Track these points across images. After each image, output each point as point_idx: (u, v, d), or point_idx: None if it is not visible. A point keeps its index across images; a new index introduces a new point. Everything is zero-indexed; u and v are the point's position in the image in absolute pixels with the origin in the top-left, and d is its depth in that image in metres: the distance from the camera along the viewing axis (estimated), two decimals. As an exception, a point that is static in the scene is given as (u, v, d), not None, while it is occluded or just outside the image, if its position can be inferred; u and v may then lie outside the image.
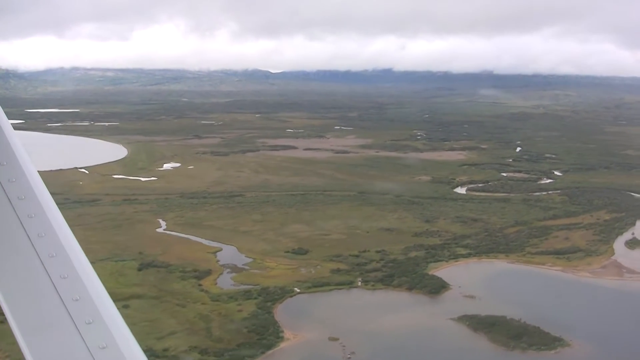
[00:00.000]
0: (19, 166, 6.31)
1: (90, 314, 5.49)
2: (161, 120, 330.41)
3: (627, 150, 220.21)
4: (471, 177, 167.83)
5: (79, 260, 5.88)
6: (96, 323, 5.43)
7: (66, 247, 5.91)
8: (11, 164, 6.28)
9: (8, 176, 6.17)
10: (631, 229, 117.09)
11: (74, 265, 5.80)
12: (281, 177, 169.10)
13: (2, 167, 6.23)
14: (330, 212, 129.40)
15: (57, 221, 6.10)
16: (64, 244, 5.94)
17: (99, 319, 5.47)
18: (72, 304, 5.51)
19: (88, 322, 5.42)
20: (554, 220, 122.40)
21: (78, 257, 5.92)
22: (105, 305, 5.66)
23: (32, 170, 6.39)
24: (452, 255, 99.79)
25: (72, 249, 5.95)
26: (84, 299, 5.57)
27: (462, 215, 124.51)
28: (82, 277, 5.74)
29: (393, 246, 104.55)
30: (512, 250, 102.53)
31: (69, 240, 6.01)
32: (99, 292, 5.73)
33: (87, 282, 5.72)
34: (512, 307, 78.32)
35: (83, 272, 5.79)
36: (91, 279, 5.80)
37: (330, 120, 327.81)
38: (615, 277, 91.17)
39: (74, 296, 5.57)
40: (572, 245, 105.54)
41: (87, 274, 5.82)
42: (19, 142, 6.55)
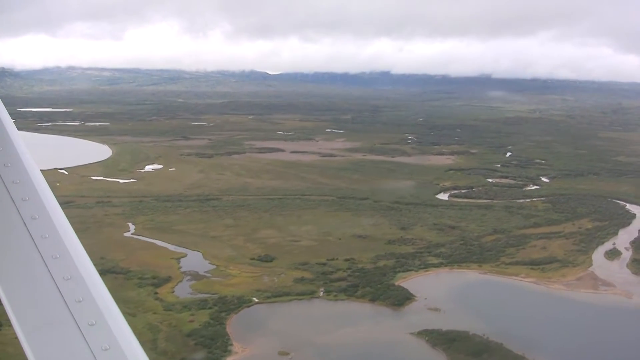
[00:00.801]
0: (23, 167, 6.33)
1: (93, 316, 5.42)
2: (152, 121, 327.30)
3: (619, 156, 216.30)
4: (456, 182, 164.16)
5: (82, 262, 5.84)
6: (99, 325, 5.36)
7: (70, 249, 5.88)
8: (15, 165, 6.32)
9: (12, 177, 6.20)
10: (613, 238, 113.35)
11: (77, 266, 5.76)
12: (262, 180, 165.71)
13: (7, 169, 6.26)
14: (305, 217, 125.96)
15: (61, 223, 6.08)
16: (68, 245, 5.90)
17: (102, 320, 5.41)
18: (75, 305, 5.46)
19: (91, 323, 5.34)
20: (534, 228, 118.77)
21: (81, 258, 5.88)
22: (108, 307, 5.58)
23: (36, 171, 6.41)
24: (423, 264, 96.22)
25: (75, 250, 5.91)
26: (87, 300, 5.52)
27: (440, 223, 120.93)
28: (86, 278, 5.68)
29: (363, 254, 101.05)
30: (486, 260, 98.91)
31: (72, 242, 5.97)
32: (102, 294, 5.66)
33: (90, 284, 5.66)
34: (477, 321, 74.77)
35: (86, 273, 5.74)
36: (94, 280, 5.74)
37: (323, 123, 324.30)
38: (589, 289, 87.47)
39: (77, 297, 5.51)
40: (549, 255, 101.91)
41: (91, 275, 5.76)
42: (23, 143, 6.54)
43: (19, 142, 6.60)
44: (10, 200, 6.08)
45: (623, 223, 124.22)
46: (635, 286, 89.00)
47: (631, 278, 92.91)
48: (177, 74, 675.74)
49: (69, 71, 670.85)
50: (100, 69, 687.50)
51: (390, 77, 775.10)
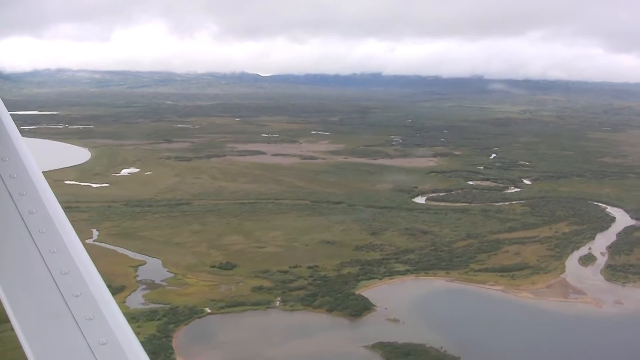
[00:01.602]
0: (21, 162, 6.30)
1: (91, 310, 5.42)
2: (138, 124, 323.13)
3: (605, 157, 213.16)
4: (435, 185, 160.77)
5: (79, 257, 5.83)
6: (97, 319, 5.37)
7: (67, 243, 5.87)
8: (13, 160, 6.28)
9: (10, 172, 6.18)
10: (589, 243, 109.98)
11: (75, 261, 5.74)
12: (238, 184, 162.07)
13: (4, 163, 6.22)
14: (275, 222, 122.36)
15: (59, 217, 6.08)
16: (65, 240, 5.89)
17: (99, 315, 5.41)
18: (72, 299, 5.46)
19: (89, 318, 5.35)
20: (509, 233, 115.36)
21: (79, 253, 5.87)
22: (105, 302, 5.59)
23: (34, 166, 6.41)
24: (388, 272, 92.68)
25: (73, 245, 5.90)
26: (84, 294, 5.51)
27: (413, 227, 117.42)
28: (83, 273, 5.68)
29: (328, 261, 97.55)
30: (455, 267, 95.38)
31: (69, 237, 5.97)
32: (99, 288, 5.66)
33: (87, 278, 5.66)
34: (436, 333, 71.26)
35: (84, 268, 5.74)
36: (92, 275, 5.74)
37: (310, 125, 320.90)
38: (558, 298, 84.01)
39: (75, 292, 5.50)
40: (521, 261, 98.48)
41: (88, 270, 5.75)
42: (21, 138, 6.53)
43: (16, 136, 6.49)
44: (8, 194, 6.01)
45: (601, 227, 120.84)
46: (607, 294, 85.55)
47: (604, 285, 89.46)
48: (168, 76, 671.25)
49: (59, 73, 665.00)
50: (91, 71, 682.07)
51: (382, 78, 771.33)
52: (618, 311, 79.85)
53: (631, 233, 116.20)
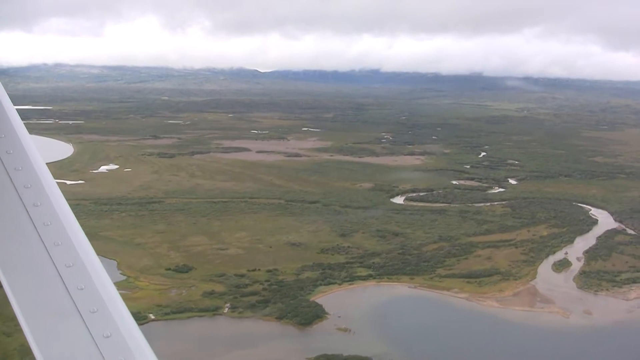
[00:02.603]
0: (26, 155, 6.30)
1: (95, 303, 5.37)
2: (128, 119, 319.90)
3: (597, 157, 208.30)
4: (416, 184, 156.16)
5: (84, 250, 5.81)
6: (100, 312, 5.32)
7: (72, 236, 5.84)
8: (18, 153, 6.29)
9: (15, 165, 6.20)
10: (567, 247, 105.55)
11: (79, 254, 5.72)
12: (215, 181, 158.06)
13: (9, 156, 6.24)
14: (244, 222, 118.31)
15: (63, 210, 6.05)
16: (70, 233, 5.86)
17: (103, 308, 5.36)
18: (76, 292, 5.43)
19: (92, 311, 5.30)
20: (485, 236, 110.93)
21: (83, 246, 5.84)
22: (110, 295, 5.54)
23: (39, 159, 6.40)
24: (349, 277, 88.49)
25: (77, 238, 5.87)
26: (88, 288, 5.48)
27: (385, 229, 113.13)
28: (87, 266, 5.66)
29: (290, 264, 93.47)
30: (420, 272, 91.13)
31: (74, 230, 5.94)
32: (103, 282, 5.61)
33: (92, 271, 5.63)
34: (386, 345, 67.16)
35: (88, 261, 5.72)
36: (96, 268, 5.71)
37: (303, 121, 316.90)
38: (524, 307, 79.67)
39: (79, 285, 5.47)
40: (492, 266, 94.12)
41: (92, 263, 5.73)
42: (26, 131, 6.57)
43: (22, 130, 6.53)
44: (13, 187, 6.02)
45: (582, 230, 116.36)
46: (576, 303, 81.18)
47: (574, 293, 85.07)
48: (166, 72, 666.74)
49: (57, 68, 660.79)
50: (88, 66, 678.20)
51: (381, 74, 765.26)
52: (585, 322, 75.54)
53: (612, 237, 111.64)
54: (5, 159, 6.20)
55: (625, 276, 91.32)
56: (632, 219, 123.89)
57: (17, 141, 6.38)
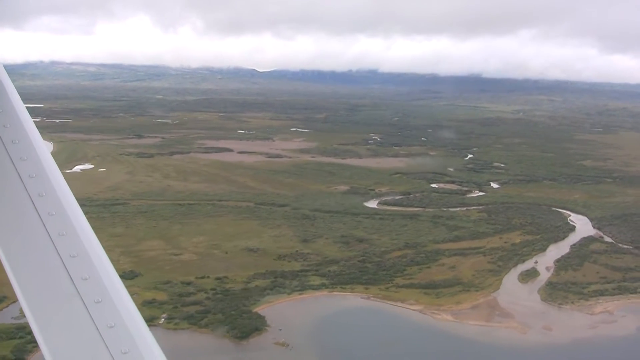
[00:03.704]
0: (31, 145, 6.31)
1: (99, 293, 5.41)
2: (117, 118, 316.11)
3: (586, 160, 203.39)
4: (394, 187, 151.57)
5: (88, 240, 5.79)
6: (105, 302, 5.36)
7: (76, 226, 5.82)
8: (23, 144, 6.28)
9: (20, 154, 6.16)
10: (537, 255, 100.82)
11: (84, 244, 5.71)
12: (187, 183, 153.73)
13: (14, 146, 6.22)
14: (206, 226, 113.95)
15: (68, 200, 6.05)
16: (74, 223, 5.85)
17: (107, 298, 5.40)
18: (81, 282, 5.44)
19: (97, 301, 5.34)
20: (454, 242, 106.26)
21: (88, 236, 5.83)
22: (114, 285, 5.57)
23: (44, 149, 6.39)
24: (301, 286, 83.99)
25: (82, 228, 5.86)
26: (93, 278, 5.49)
27: (350, 235, 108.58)
28: (92, 256, 5.66)
29: (241, 272, 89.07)
30: (377, 281, 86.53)
31: (79, 220, 5.94)
32: (108, 272, 5.63)
33: (96, 262, 5.64)
34: (324, 362, 62.43)
35: (93, 251, 5.71)
36: (101, 258, 5.71)
37: (293, 122, 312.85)
38: (480, 321, 74.95)
39: (83, 275, 5.48)
40: (454, 276, 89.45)
41: (97, 253, 5.73)
42: (31, 121, 6.54)
43: (27, 120, 6.54)
44: (18, 177, 6.02)
45: (557, 237, 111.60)
46: (537, 318, 76.50)
47: (537, 307, 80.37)
48: (163, 70, 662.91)
49: (53, 66, 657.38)
50: (85, 64, 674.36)
51: (380, 75, 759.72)
52: (542, 339, 70.81)
53: (587, 245, 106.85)
54: (11, 148, 6.16)
55: (594, 288, 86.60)
56: (611, 226, 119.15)
57: (22, 131, 6.35)
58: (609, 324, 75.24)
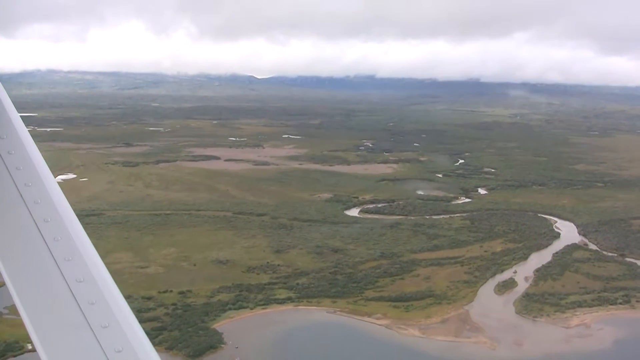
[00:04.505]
0: (27, 155, 6.40)
1: (94, 295, 5.43)
2: (109, 126, 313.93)
3: (579, 164, 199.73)
4: (379, 195, 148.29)
5: (83, 244, 5.88)
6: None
7: (72, 232, 5.93)
8: (19, 152, 6.37)
9: (16, 164, 6.29)
10: (517, 265, 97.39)
11: (79, 249, 5.80)
12: (168, 192, 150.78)
13: (11, 156, 6.31)
14: (179, 236, 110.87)
15: (63, 207, 6.17)
16: (70, 229, 5.96)
17: (101, 300, 5.43)
18: (76, 285, 5.48)
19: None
20: (432, 252, 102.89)
21: (83, 241, 5.93)
22: (108, 287, 5.63)
23: (40, 158, 6.50)
24: (266, 300, 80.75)
25: (88, 252, 5.92)
26: (87, 280, 5.53)
27: (326, 245, 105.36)
28: (86, 260, 5.73)
29: (207, 285, 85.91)
30: (347, 294, 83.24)
31: (74, 226, 6.05)
32: (102, 274, 5.69)
33: (90, 265, 5.71)
34: (277, 382, 59.10)
35: (87, 255, 5.79)
36: (95, 261, 5.77)
37: (287, 128, 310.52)
38: (448, 337, 71.53)
39: (78, 278, 5.53)
40: (427, 288, 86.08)
41: (91, 257, 5.79)
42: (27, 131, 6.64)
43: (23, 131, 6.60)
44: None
45: (539, 245, 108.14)
46: (509, 332, 73.05)
47: (510, 320, 76.92)
48: (161, 78, 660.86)
49: (51, 74, 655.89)
50: (82, 72, 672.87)
51: (378, 80, 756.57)
52: (512, 355, 67.41)
53: (570, 253, 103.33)
54: (7, 158, 6.26)
55: (573, 299, 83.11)
56: (597, 232, 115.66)
57: (18, 142, 6.43)
58: (584, 338, 71.72)
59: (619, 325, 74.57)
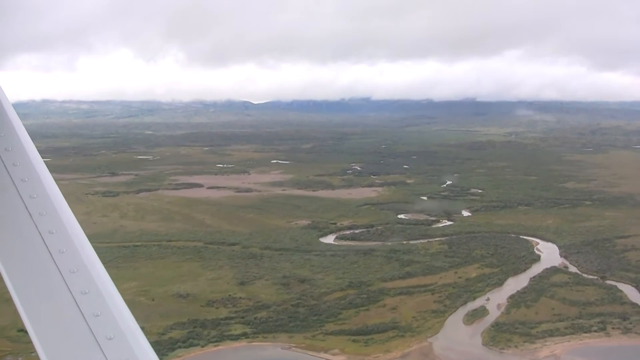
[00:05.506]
0: (24, 151, 6.63)
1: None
2: (97, 155, 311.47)
3: (569, 182, 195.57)
4: (358, 220, 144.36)
5: (77, 237, 5.98)
6: (117, 339, 5.34)
7: (66, 225, 6.05)
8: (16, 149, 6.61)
9: (13, 160, 6.45)
10: (492, 291, 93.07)
11: (74, 241, 5.91)
12: (143, 222, 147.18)
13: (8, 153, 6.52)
14: (143, 269, 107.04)
15: (58, 201, 6.31)
16: (64, 221, 6.07)
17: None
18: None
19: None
20: (403, 280, 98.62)
21: (77, 233, 6.02)
22: (100, 277, 5.74)
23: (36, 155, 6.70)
24: (219, 336, 76.58)
25: (71, 226, 6.08)
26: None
27: (294, 275, 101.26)
28: (80, 252, 5.84)
29: (162, 321, 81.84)
30: (306, 328, 79.02)
31: (68, 219, 6.16)
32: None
33: (84, 257, 5.82)
34: None
35: (81, 246, 5.90)
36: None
37: (277, 153, 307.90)
38: (406, 372, 66.94)
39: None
40: (392, 319, 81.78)
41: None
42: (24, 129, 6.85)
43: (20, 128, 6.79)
44: (11, 181, 6.21)
45: (517, 269, 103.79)
46: (472, 365, 68.35)
47: (476, 352, 72.45)
48: (156, 105, 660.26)
49: (46, 104, 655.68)
50: (77, 102, 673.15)
51: (374, 102, 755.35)
52: (471, 392, 62.65)
53: (547, 277, 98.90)
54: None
55: (545, 327, 78.61)
56: (579, 254, 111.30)
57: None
58: (552, 371, 67.11)
59: (590, 356, 69.99)
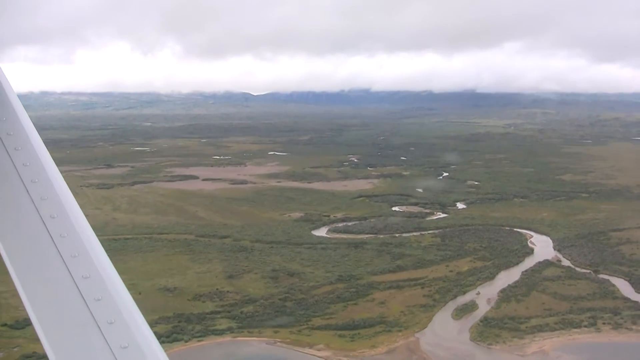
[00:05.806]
0: (26, 136, 6.43)
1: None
2: (95, 148, 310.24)
3: (566, 174, 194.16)
4: (351, 212, 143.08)
5: (89, 241, 5.93)
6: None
7: (68, 210, 6.01)
8: (18, 134, 6.40)
9: (14, 145, 6.31)
10: (483, 285, 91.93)
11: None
12: (134, 215, 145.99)
13: (10, 137, 6.35)
14: (132, 263, 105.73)
15: (69, 203, 6.20)
16: (66, 206, 6.04)
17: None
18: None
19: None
20: (394, 273, 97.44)
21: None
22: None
23: (38, 139, 6.52)
24: (203, 331, 75.46)
25: (73, 211, 6.05)
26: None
27: (283, 268, 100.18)
28: (92, 256, 5.77)
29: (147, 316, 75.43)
30: (292, 323, 77.96)
31: (70, 204, 6.12)
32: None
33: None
34: None
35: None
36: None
37: (275, 145, 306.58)
38: (391, 368, 65.89)
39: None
40: (380, 314, 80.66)
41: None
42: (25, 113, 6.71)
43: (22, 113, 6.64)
44: (13, 166, 6.16)
45: (509, 263, 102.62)
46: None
47: (463, 348, 71.37)
48: (155, 97, 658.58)
49: (45, 97, 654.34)
50: (76, 94, 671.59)
51: (374, 94, 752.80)
52: (456, 389, 61.63)
53: (539, 271, 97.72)
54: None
55: (534, 322, 77.49)
56: (573, 247, 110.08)
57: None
58: (539, 367, 66.05)
59: (579, 352, 68.87)
